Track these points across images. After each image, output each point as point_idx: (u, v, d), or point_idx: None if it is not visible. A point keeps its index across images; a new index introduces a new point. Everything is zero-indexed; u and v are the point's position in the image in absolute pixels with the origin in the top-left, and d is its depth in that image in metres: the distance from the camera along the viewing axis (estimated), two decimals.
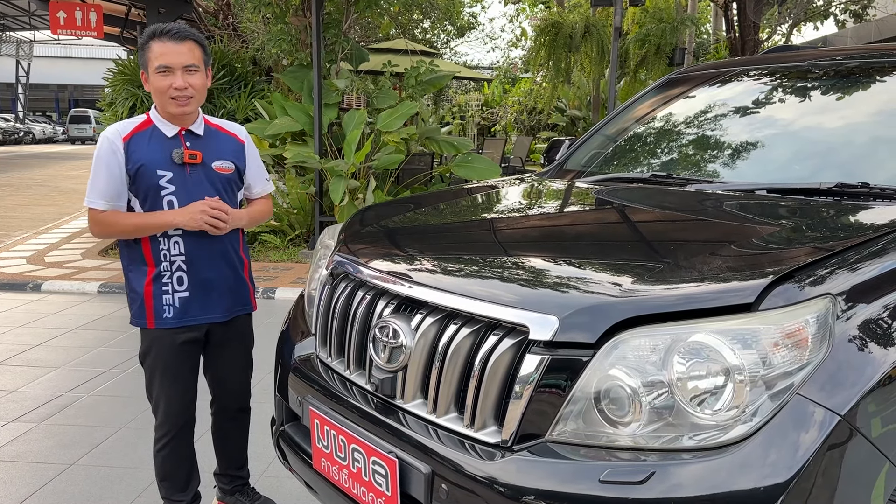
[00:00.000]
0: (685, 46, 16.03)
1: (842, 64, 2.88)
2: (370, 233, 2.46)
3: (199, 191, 2.46)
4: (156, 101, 2.43)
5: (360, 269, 2.11)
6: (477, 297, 1.72)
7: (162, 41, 2.36)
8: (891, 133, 2.49)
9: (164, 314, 2.49)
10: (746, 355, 1.46)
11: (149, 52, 2.37)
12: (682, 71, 3.53)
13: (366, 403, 1.93)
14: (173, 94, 2.37)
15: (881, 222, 1.93)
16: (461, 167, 8.98)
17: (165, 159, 2.41)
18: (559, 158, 3.37)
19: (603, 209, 2.51)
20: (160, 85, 2.36)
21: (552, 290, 1.71)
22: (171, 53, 2.35)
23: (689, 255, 1.81)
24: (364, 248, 2.25)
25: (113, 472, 3.32)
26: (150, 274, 2.46)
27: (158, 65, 2.35)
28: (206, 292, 2.52)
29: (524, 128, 23.80)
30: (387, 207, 2.96)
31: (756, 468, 1.39)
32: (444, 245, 2.28)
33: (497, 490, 1.55)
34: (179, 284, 2.48)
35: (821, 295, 1.53)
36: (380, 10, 10.27)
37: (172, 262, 2.46)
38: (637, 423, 1.51)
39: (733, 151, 2.75)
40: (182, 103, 2.39)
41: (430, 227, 2.51)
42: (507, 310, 1.66)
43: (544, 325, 1.59)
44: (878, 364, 1.51)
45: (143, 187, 2.40)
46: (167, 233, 2.43)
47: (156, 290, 2.46)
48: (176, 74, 2.36)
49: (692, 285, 1.59)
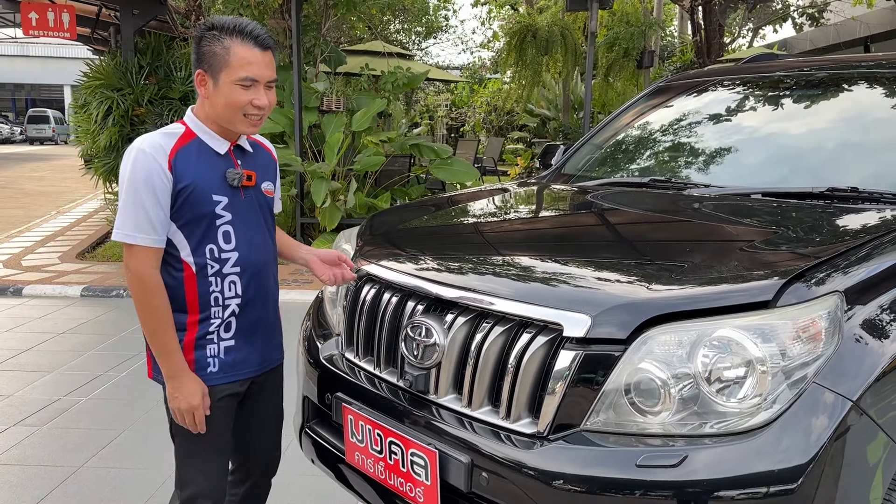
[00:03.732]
0: (654, 49, 16.35)
1: (828, 73, 3.06)
2: (393, 236, 2.56)
3: (253, 219, 2.05)
4: (220, 112, 1.95)
5: (387, 271, 2.21)
6: (511, 298, 1.84)
7: (246, 45, 1.90)
8: (875, 139, 2.68)
9: (209, 368, 2.01)
10: (767, 348, 1.61)
11: (229, 56, 1.89)
12: (672, 78, 3.69)
13: (400, 399, 2.03)
14: (251, 111, 1.94)
15: (874, 224, 2.09)
16: (439, 169, 9.10)
17: (219, 181, 1.97)
18: (556, 163, 3.51)
19: (614, 213, 2.65)
20: (239, 99, 1.91)
21: (583, 289, 1.84)
22: (258, 64, 1.92)
23: (707, 256, 1.95)
24: (390, 251, 2.35)
25: (123, 472, 3.37)
26: (194, 322, 1.98)
27: (244, 76, 1.89)
28: (250, 337, 2.07)
29: (493, 128, 23.99)
30: (402, 212, 3.06)
31: (779, 450, 1.53)
32: (469, 247, 2.39)
33: (538, 476, 1.67)
34: (226, 331, 2.03)
35: (830, 292, 1.68)
36: (359, 13, 10.33)
37: (226, 306, 2.01)
38: (667, 412, 1.65)
39: (728, 157, 2.91)
40: (255, 122, 1.97)
41: (451, 229, 2.63)
42: (540, 309, 1.78)
43: (577, 322, 1.71)
44: (882, 354, 1.67)
45: (193, 215, 1.93)
46: (221, 270, 1.98)
47: (199, 342, 1.99)
48: (259, 90, 1.94)
49: (715, 284, 1.73)
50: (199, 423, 1.99)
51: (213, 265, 1.98)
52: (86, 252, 8.77)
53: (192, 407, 1.96)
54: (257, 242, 2.08)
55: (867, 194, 2.34)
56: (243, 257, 2.02)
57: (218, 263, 1.98)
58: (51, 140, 39.20)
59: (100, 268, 7.90)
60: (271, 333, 2.16)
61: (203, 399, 1.97)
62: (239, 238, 2.02)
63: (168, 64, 9.67)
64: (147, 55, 9.68)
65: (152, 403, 4.17)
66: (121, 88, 9.38)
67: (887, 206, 2.26)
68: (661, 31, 17.94)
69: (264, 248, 2.11)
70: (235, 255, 2.01)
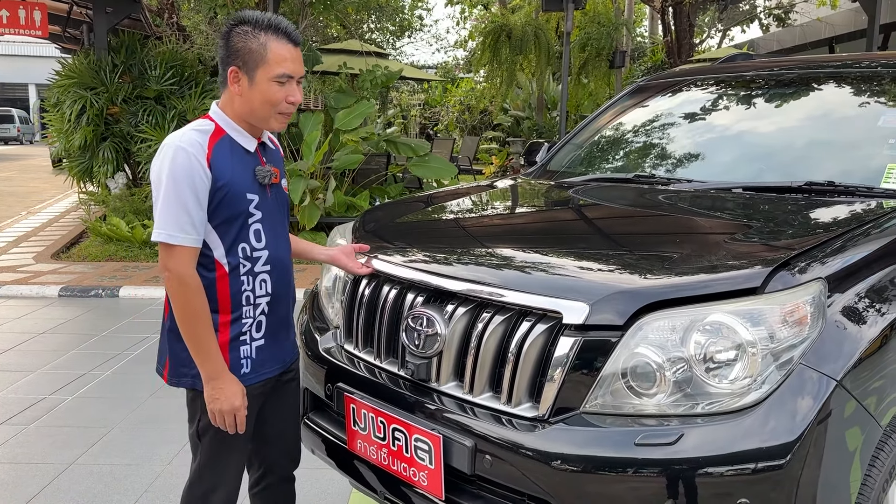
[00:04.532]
0: (625, 50, 16.58)
1: (801, 73, 3.18)
2: (390, 231, 2.62)
3: (277, 216, 2.06)
4: (256, 109, 1.93)
5: (387, 265, 2.27)
6: (512, 288, 1.92)
7: (281, 41, 1.89)
8: (847, 136, 2.80)
9: (243, 370, 2.00)
10: (757, 331, 1.70)
11: (266, 52, 1.87)
12: (652, 77, 3.80)
13: (402, 388, 2.10)
14: (286, 108, 1.94)
15: (850, 216, 2.21)
16: (417, 166, 9.18)
17: (250, 179, 1.96)
18: (541, 160, 3.60)
19: (604, 207, 2.74)
20: (275, 95, 1.90)
21: (580, 279, 1.92)
22: (293, 60, 1.91)
23: (696, 246, 2.05)
24: (388, 245, 2.42)
25: (115, 469, 3.38)
26: (227, 322, 1.96)
27: (282, 72, 1.88)
28: (276, 335, 2.09)
29: (467, 127, 24.11)
30: (396, 207, 3.12)
31: (769, 428, 1.63)
32: (466, 240, 2.46)
33: (539, 457, 1.74)
34: (258, 331, 2.02)
35: (814, 279, 1.78)
36: (336, 12, 10.35)
37: (257, 304, 2.00)
38: (662, 394, 1.73)
39: (709, 153, 3.02)
40: (285, 120, 1.97)
41: (446, 223, 2.70)
42: (541, 298, 1.85)
43: (576, 310, 1.79)
44: (863, 337, 1.78)
45: (229, 214, 1.91)
46: (253, 269, 1.97)
47: (233, 344, 1.98)
48: (293, 86, 1.93)
49: (706, 272, 1.82)
50: (240, 424, 1.97)
51: (246, 264, 1.97)
52: (61, 252, 8.68)
53: (235, 408, 1.93)
54: (282, 239, 2.09)
55: (843, 188, 2.46)
56: (272, 255, 2.03)
57: (250, 262, 1.97)
58: (15, 140, 38.44)
59: (76, 268, 7.83)
60: (290, 330, 2.17)
61: (244, 399, 1.96)
62: (268, 236, 2.01)
63: (142, 62, 9.60)
64: (121, 53, 9.62)
65: (139, 402, 4.18)
66: (94, 87, 9.31)
67: (861, 199, 2.38)
68: (631, 32, 18.18)
69: (287, 244, 2.13)
70: (266, 254, 2.01)
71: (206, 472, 2.06)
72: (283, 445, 2.28)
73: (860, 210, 2.25)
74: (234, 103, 1.95)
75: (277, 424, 2.23)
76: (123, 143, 9.52)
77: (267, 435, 2.22)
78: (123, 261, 8.17)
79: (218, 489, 2.06)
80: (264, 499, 2.32)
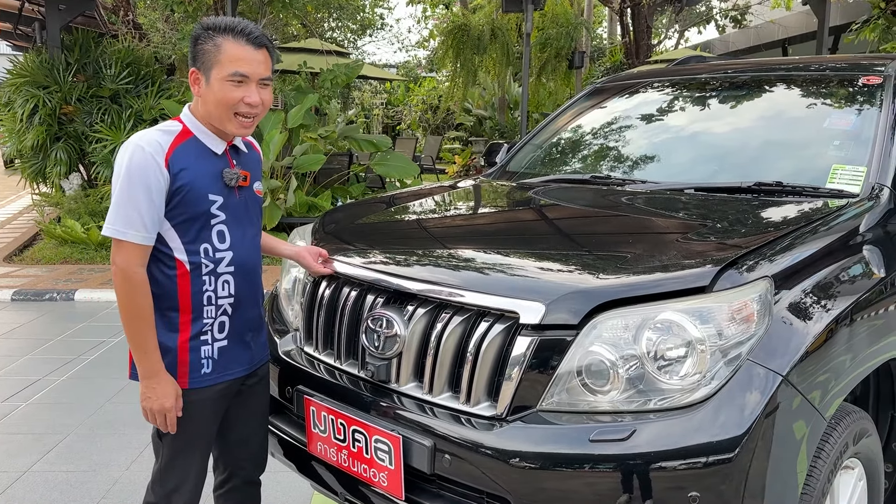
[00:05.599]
0: (584, 50, 16.76)
1: (752, 75, 3.27)
2: (350, 232, 2.62)
3: (245, 218, 2.07)
4: (212, 111, 1.95)
5: (346, 266, 2.28)
6: (470, 289, 1.94)
7: (238, 42, 1.92)
8: (795, 137, 2.89)
9: (203, 370, 2.01)
10: (705, 329, 1.75)
11: (220, 53, 1.91)
12: (608, 79, 3.87)
13: (362, 389, 2.11)
14: (243, 110, 1.95)
15: (797, 216, 2.28)
16: (380, 165, 9.17)
17: (215, 180, 1.98)
18: (501, 161, 3.64)
19: (560, 208, 2.78)
20: (229, 96, 1.92)
21: (537, 279, 1.95)
22: (249, 60, 1.92)
23: (648, 246, 2.10)
24: (347, 246, 2.42)
25: (71, 476, 3.32)
26: (187, 322, 1.98)
27: (234, 71, 1.90)
28: (241, 336, 2.09)
29: (429, 127, 24.12)
30: (356, 208, 3.12)
31: (718, 423, 1.68)
32: (426, 241, 2.48)
33: (497, 455, 1.77)
34: (220, 332, 2.03)
35: (761, 277, 1.84)
36: (295, 10, 10.28)
37: (219, 306, 2.01)
38: (616, 391, 1.77)
39: (662, 154, 3.09)
40: (247, 124, 1.98)
41: (406, 225, 2.71)
42: (498, 298, 1.88)
43: (533, 310, 1.82)
44: (808, 332, 1.84)
45: (189, 214, 1.93)
46: (216, 270, 1.99)
47: (193, 343, 1.99)
48: (251, 87, 1.94)
49: (657, 272, 1.87)
50: (171, 425, 1.98)
51: (208, 264, 1.98)
52: (14, 255, 8.47)
53: (165, 409, 1.95)
54: (249, 242, 2.09)
55: (790, 188, 2.53)
56: (237, 257, 2.03)
57: (212, 263, 1.98)
58: None
59: (30, 271, 7.66)
60: (259, 332, 2.19)
61: (176, 401, 1.96)
62: (233, 237, 2.02)
63: (97, 61, 9.42)
64: (75, 52, 9.42)
65: (96, 407, 4.11)
66: (47, 86, 9.11)
67: (808, 198, 2.45)
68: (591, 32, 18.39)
69: (256, 247, 2.14)
70: (230, 255, 2.02)
71: (168, 473, 2.07)
72: (247, 450, 2.28)
73: (807, 209, 2.33)
74: (198, 105, 2.00)
75: (242, 429, 2.23)
76: (78, 144, 9.33)
77: (231, 439, 2.22)
78: (79, 263, 8.01)
79: (180, 489, 2.06)
80: (228, 501, 2.32)
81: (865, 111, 2.78)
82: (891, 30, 9.23)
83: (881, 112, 2.70)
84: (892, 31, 9.18)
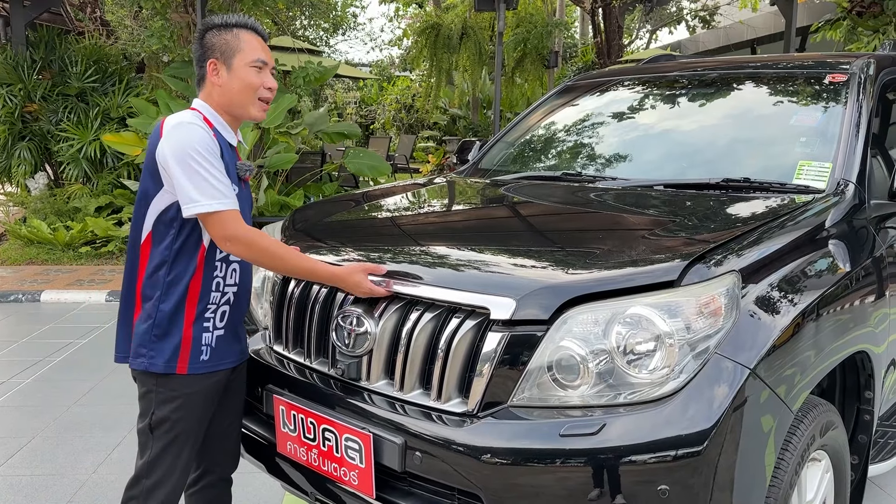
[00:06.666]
0: (557, 50, 16.84)
1: (720, 73, 3.30)
2: (320, 230, 2.60)
3: (247, 211, 2.12)
4: (234, 98, 2.03)
5: None
6: (441, 285, 1.93)
7: (251, 33, 2.06)
8: (762, 134, 2.93)
9: (202, 356, 2.03)
10: (674, 323, 1.76)
11: (240, 42, 2.02)
12: (579, 78, 3.88)
13: (332, 387, 2.09)
14: (264, 94, 2.05)
15: (764, 211, 2.30)
16: (352, 162, 9.11)
17: (233, 172, 2.05)
18: (473, 158, 3.63)
19: (531, 205, 2.78)
20: (254, 80, 2.02)
21: (507, 275, 1.95)
22: (264, 50, 2.07)
23: (618, 242, 2.10)
24: (317, 244, 2.40)
25: (36, 479, 3.26)
26: (194, 306, 2.01)
27: (257, 58, 2.03)
28: (235, 328, 2.14)
29: (403, 125, 24.07)
30: (326, 206, 3.10)
31: (687, 416, 1.69)
32: (396, 238, 2.46)
33: (468, 452, 1.76)
34: (221, 321, 2.07)
35: (728, 272, 1.85)
36: (266, 7, 10.18)
37: (224, 293, 2.06)
38: (586, 386, 1.78)
39: (632, 151, 3.11)
40: (266, 108, 2.08)
41: (376, 222, 2.70)
42: (469, 294, 1.88)
43: (503, 306, 1.81)
44: (775, 326, 1.86)
45: None
46: (228, 257, 2.06)
47: (196, 328, 2.02)
48: (267, 73, 2.07)
49: (626, 267, 1.87)
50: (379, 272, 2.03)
51: (222, 251, 2.04)
52: None
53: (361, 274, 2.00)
54: None
55: (758, 184, 2.56)
56: None
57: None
58: None
59: None
60: (243, 326, 2.23)
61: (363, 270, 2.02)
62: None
63: (63, 58, 9.25)
64: (40, 49, 9.24)
65: (62, 409, 4.04)
66: (10, 84, 8.92)
67: (775, 194, 2.48)
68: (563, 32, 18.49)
69: None
70: None
71: (155, 467, 2.05)
72: (226, 444, 2.29)
73: (773, 205, 2.35)
74: (213, 96, 2.05)
75: (223, 422, 2.24)
76: (43, 143, 9.15)
77: (211, 432, 2.21)
78: (45, 264, 7.86)
79: (164, 484, 2.04)
80: (201, 499, 2.31)
81: (831, 108, 2.82)
82: (855, 30, 9.39)
83: (846, 109, 2.74)
84: (857, 31, 9.34)
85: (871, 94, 2.79)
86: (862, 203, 2.51)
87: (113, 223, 8.44)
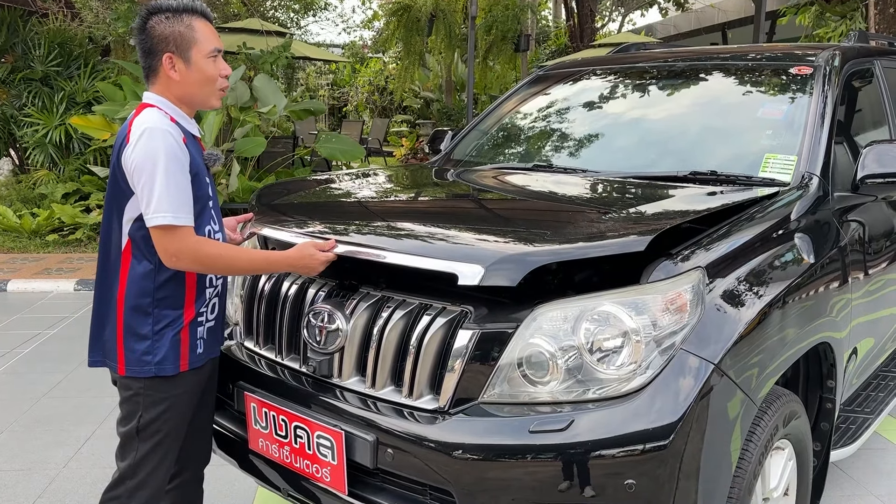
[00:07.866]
0: (530, 33, 16.79)
1: (692, 64, 3.32)
2: (288, 205, 2.62)
3: (216, 200, 2.11)
4: (195, 91, 1.98)
5: (282, 233, 2.26)
6: (409, 253, 1.95)
7: (202, 19, 1.97)
8: (730, 125, 2.96)
9: (197, 350, 2.02)
10: (640, 319, 1.79)
11: (195, 32, 1.94)
12: (550, 67, 3.89)
13: (303, 384, 2.09)
14: (222, 84, 2.01)
15: (731, 204, 2.33)
16: (325, 147, 9.03)
17: (201, 163, 2.01)
18: (445, 149, 3.63)
19: (502, 198, 2.80)
20: (213, 72, 1.97)
21: (475, 245, 2.01)
22: (216, 36, 1.99)
23: (584, 236, 2.11)
24: (285, 218, 2.42)
25: (4, 475, 3.22)
26: (192, 303, 2.00)
27: (213, 48, 1.96)
28: (220, 318, 2.13)
29: (377, 108, 23.91)
30: (294, 184, 3.11)
31: (653, 411, 1.72)
32: (365, 215, 2.49)
33: (439, 448, 1.78)
34: (212, 313, 2.08)
35: (694, 268, 1.88)
36: None
37: (215, 286, 2.07)
38: (555, 382, 1.80)
39: (602, 144, 3.13)
40: (223, 95, 2.04)
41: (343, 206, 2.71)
42: (437, 261, 1.87)
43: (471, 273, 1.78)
44: (739, 321, 1.90)
45: (197, 195, 1.95)
46: None
47: (192, 324, 2.00)
48: (221, 60, 2.01)
49: (593, 240, 1.91)
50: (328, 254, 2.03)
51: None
52: None
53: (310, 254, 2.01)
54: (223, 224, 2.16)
55: (724, 177, 2.59)
56: (223, 237, 2.11)
57: None
58: None
59: None
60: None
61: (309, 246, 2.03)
62: (218, 219, 2.09)
63: (26, 41, 9.04)
64: (2, 31, 9.02)
65: (32, 402, 3.99)
66: None
67: (741, 187, 2.52)
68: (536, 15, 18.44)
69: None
70: (220, 236, 2.09)
71: (140, 469, 2.01)
72: (200, 440, 2.26)
73: (739, 199, 2.38)
74: (171, 89, 1.97)
75: (201, 416, 2.21)
76: (7, 128, 8.95)
77: (191, 427, 2.17)
78: (11, 252, 7.72)
79: (146, 486, 2.02)
80: (176, 497, 2.27)
81: (797, 101, 2.86)
82: (823, 15, 9.51)
83: (811, 102, 2.78)
84: (825, 16, 9.46)
85: (836, 86, 2.83)
86: (826, 195, 2.55)
87: (80, 210, 8.30)
